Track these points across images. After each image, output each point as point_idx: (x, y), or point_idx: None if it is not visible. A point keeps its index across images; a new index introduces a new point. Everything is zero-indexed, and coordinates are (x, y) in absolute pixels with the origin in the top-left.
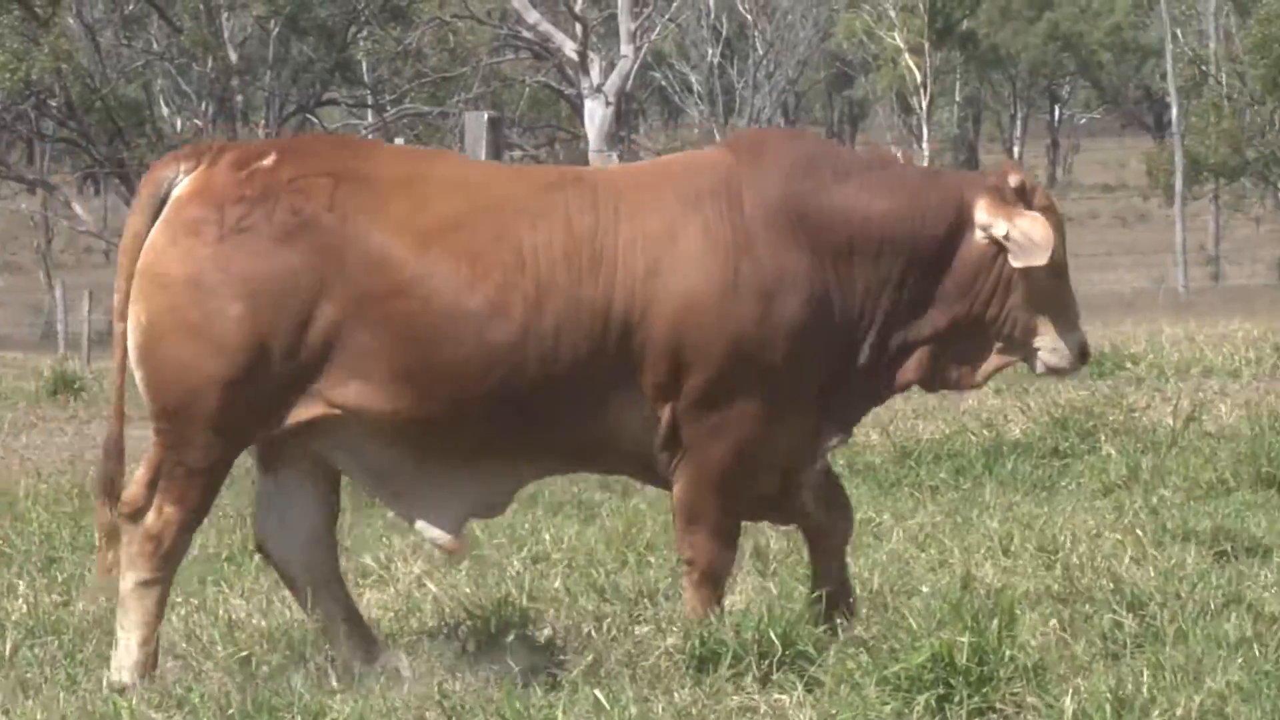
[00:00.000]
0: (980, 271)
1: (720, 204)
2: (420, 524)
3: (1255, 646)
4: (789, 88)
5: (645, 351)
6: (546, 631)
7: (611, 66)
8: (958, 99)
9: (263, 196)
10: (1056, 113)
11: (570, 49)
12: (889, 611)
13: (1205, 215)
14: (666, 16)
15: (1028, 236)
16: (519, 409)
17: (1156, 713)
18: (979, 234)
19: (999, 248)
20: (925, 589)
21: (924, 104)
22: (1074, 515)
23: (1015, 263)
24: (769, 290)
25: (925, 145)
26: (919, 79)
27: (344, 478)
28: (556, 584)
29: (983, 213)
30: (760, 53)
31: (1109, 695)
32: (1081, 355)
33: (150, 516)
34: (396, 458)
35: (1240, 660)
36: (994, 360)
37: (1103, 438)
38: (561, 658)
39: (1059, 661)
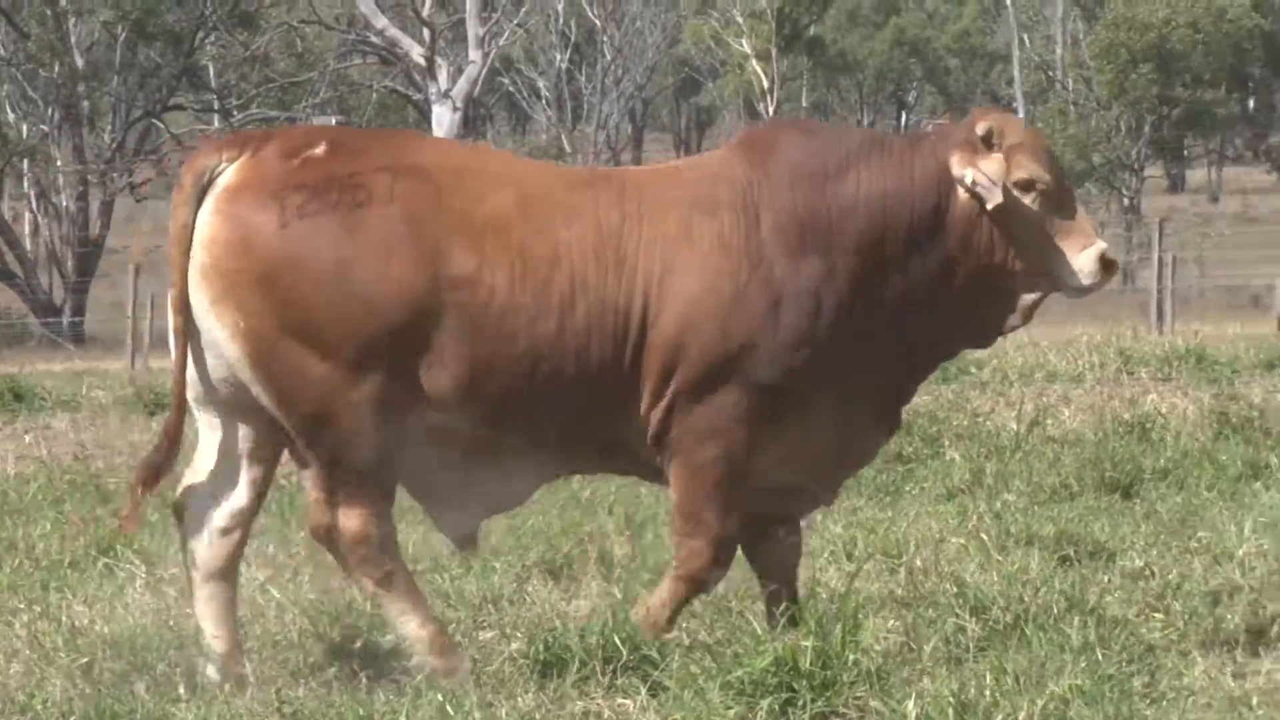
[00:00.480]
0: (973, 225)
1: (736, 212)
2: (441, 518)
3: (1098, 650)
4: (637, 94)
5: (651, 350)
6: (390, 637)
7: (459, 72)
8: (805, 104)
9: (323, 186)
10: (903, 118)
11: (418, 54)
12: (733, 616)
13: None
14: (515, 22)
15: (986, 177)
16: (557, 406)
17: (999, 716)
18: (960, 192)
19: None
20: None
21: (771, 109)
22: (918, 520)
23: (989, 206)
24: (775, 303)
25: None
26: (766, 85)
27: None
28: None
29: (955, 167)
30: (608, 59)
31: (952, 699)
32: (1105, 266)
33: (345, 525)
34: (435, 453)
35: (1083, 664)
36: (1026, 299)
37: (947, 443)
38: (406, 663)
39: (902, 666)
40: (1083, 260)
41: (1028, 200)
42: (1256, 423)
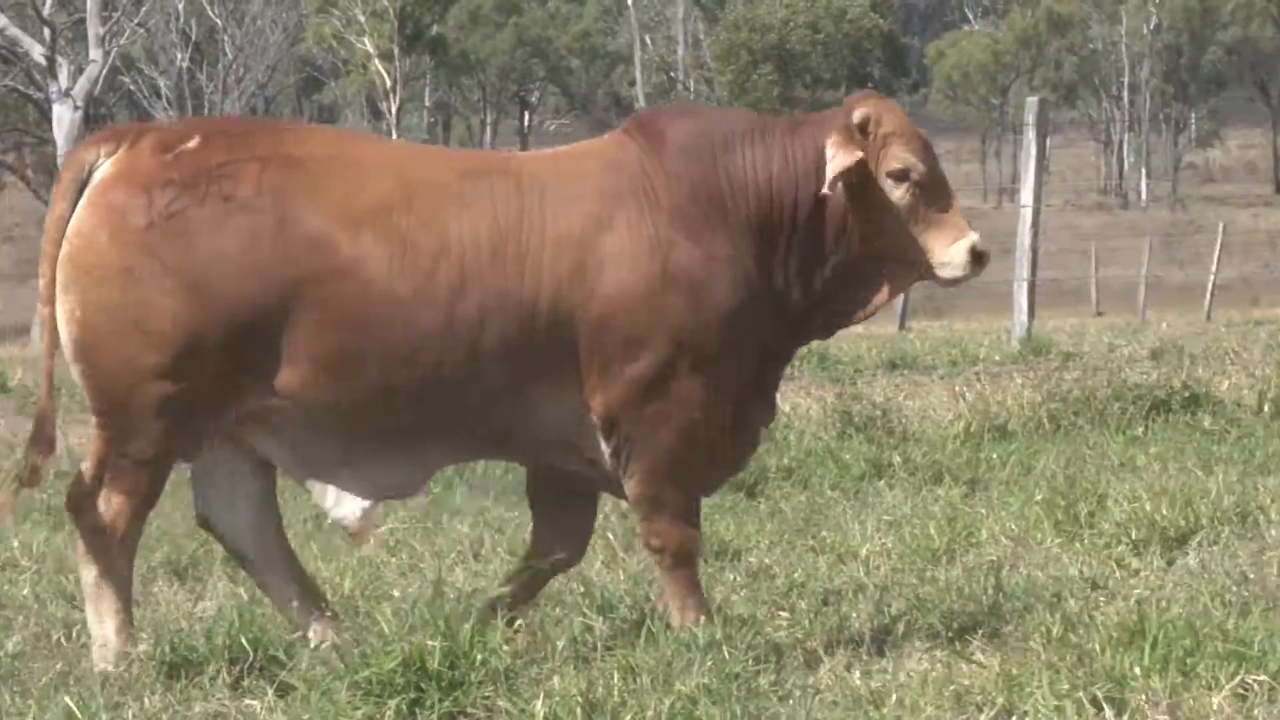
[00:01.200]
0: (847, 211)
1: (639, 198)
2: (329, 504)
3: (725, 649)
4: (259, 92)
5: (576, 349)
6: (15, 639)
7: (80, 71)
8: (428, 104)
9: (192, 180)
10: (526, 118)
11: (38, 53)
12: (360, 616)
13: None
14: (135, 21)
15: (834, 149)
16: (443, 396)
17: (627, 715)
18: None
19: (863, 185)
20: (397, 594)
21: (394, 109)
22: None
23: (824, 190)
24: (697, 278)
25: None
26: (389, 84)
27: None
28: (25, 591)
29: (829, 150)
30: (230, 57)
31: (580, 699)
32: (975, 259)
33: (100, 507)
34: (316, 440)
35: (710, 663)
36: (887, 288)
37: None
38: (31, 665)
39: (530, 665)
40: (954, 252)
41: (901, 190)
42: (879, 422)
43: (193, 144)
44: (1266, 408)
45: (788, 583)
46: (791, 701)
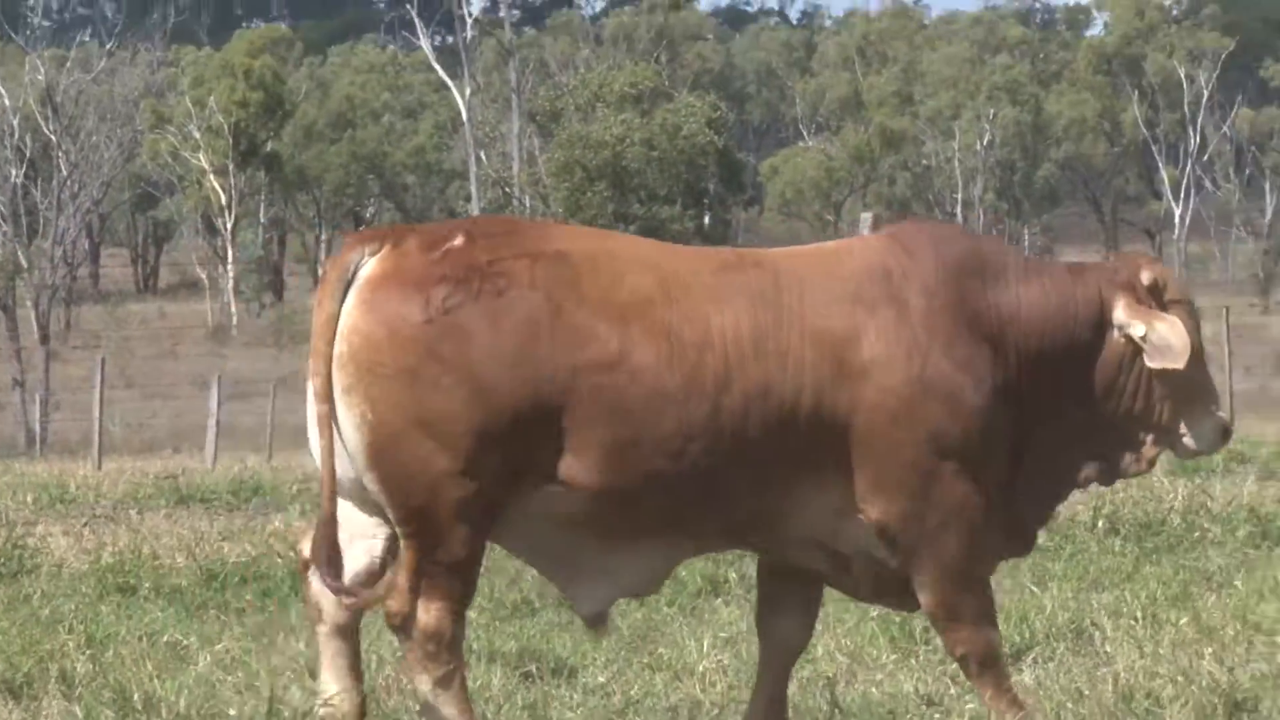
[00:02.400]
0: (1122, 369)
1: (897, 304)
2: (574, 594)
3: None
4: (94, 208)
5: (840, 455)
6: None
7: None
8: (263, 220)
9: (465, 277)
10: None
11: None
12: None
13: None
14: None
15: (1165, 340)
16: (706, 490)
17: None
18: (1116, 334)
19: (1135, 349)
20: (233, 712)
21: (229, 225)
22: (381, 636)
23: (1151, 364)
24: (951, 386)
25: (230, 267)
26: (224, 200)
27: None
28: None
29: (1120, 312)
30: (64, 173)
31: None
32: (1224, 435)
33: (422, 617)
34: (567, 533)
35: None
36: (1150, 449)
37: None
38: None
39: None
40: (1209, 427)
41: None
42: None
43: (459, 241)
44: (1100, 524)
45: (624, 700)
46: None
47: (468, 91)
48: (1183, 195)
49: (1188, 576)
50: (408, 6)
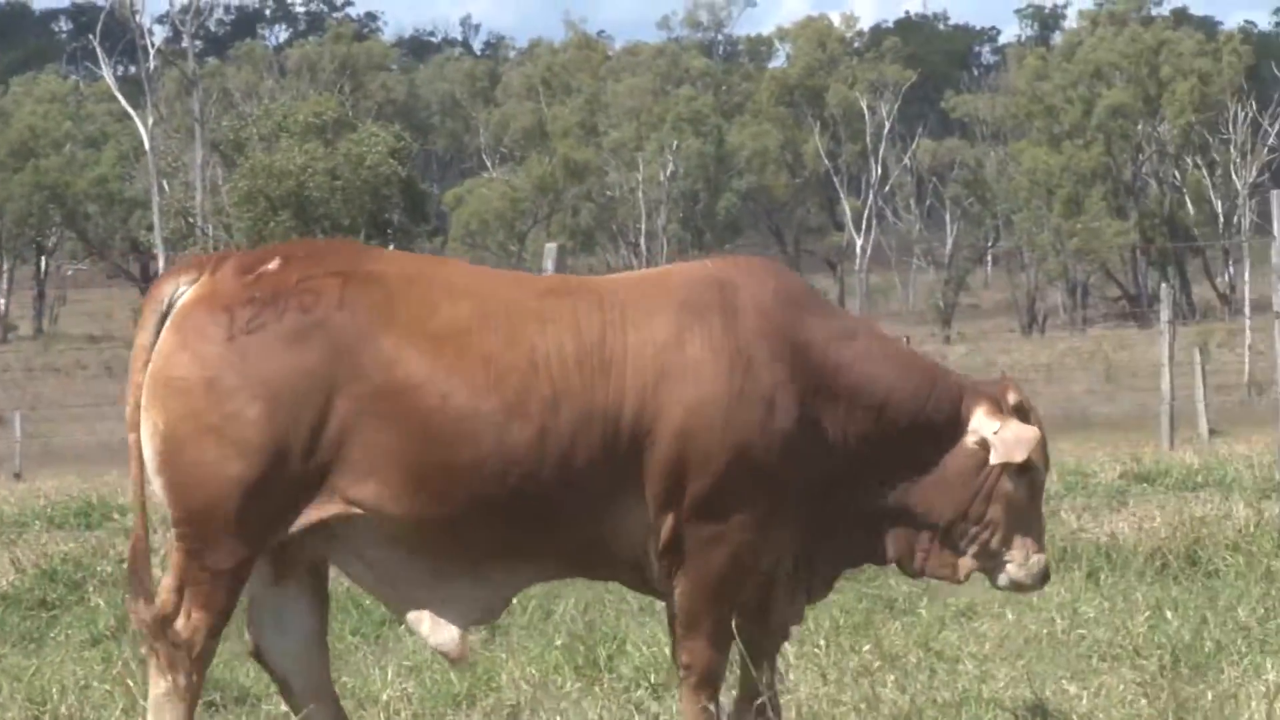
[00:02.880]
0: (968, 474)
1: (724, 316)
2: (425, 629)
3: None
4: None
5: (652, 459)
6: None
7: None
8: None
9: (272, 297)
10: (43, 263)
11: None
12: None
13: None
14: None
15: (1015, 437)
16: (532, 512)
17: None
18: (971, 438)
19: (987, 456)
20: None
21: None
22: (63, 666)
23: (994, 459)
24: (769, 399)
25: None
26: None
27: None
28: None
29: (979, 418)
30: None
31: None
32: (1045, 577)
33: (179, 623)
34: (403, 560)
35: None
36: (969, 562)
37: (91, 588)
38: None
39: None
40: (1032, 563)
41: (1015, 484)
42: None
43: (273, 265)
44: None
45: None
46: None
47: (150, 121)
48: (864, 226)
49: (870, 604)
50: (90, 36)
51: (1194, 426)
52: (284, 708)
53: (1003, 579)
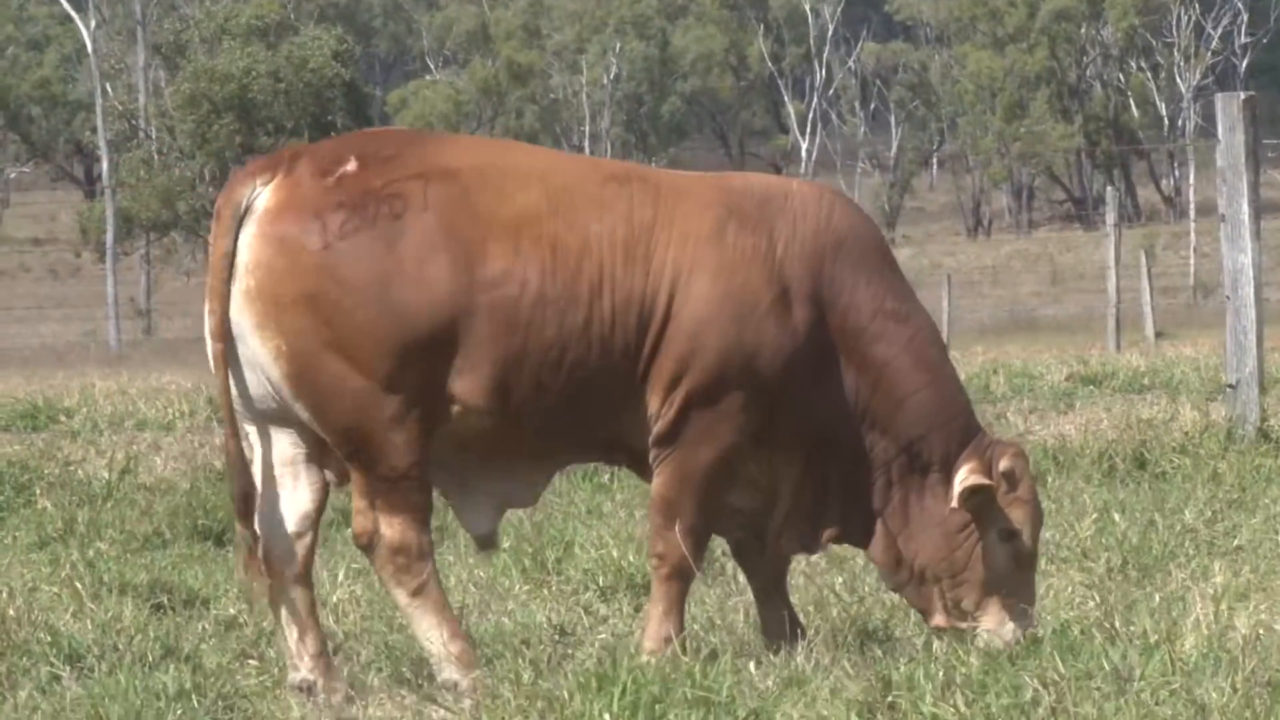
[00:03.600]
0: (950, 523)
1: (775, 236)
2: (465, 516)
3: (193, 698)
4: None
5: (667, 349)
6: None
7: None
8: None
9: (361, 202)
10: None
11: None
12: None
13: (138, 269)
14: None
15: (959, 481)
16: (576, 399)
17: None
18: (955, 490)
19: (982, 519)
20: None
21: None
22: (10, 569)
23: (952, 501)
24: (791, 327)
25: None
26: None
27: None
28: None
29: (962, 472)
30: None
31: None
32: (1014, 644)
33: (386, 533)
34: (452, 450)
35: (180, 712)
36: (939, 614)
37: (38, 491)
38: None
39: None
40: (1005, 630)
41: (999, 549)
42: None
43: (351, 166)
44: None
45: (257, 631)
46: None
47: (93, 24)
48: (809, 129)
49: None
50: None
51: (1140, 329)
52: (233, 610)
53: (977, 638)
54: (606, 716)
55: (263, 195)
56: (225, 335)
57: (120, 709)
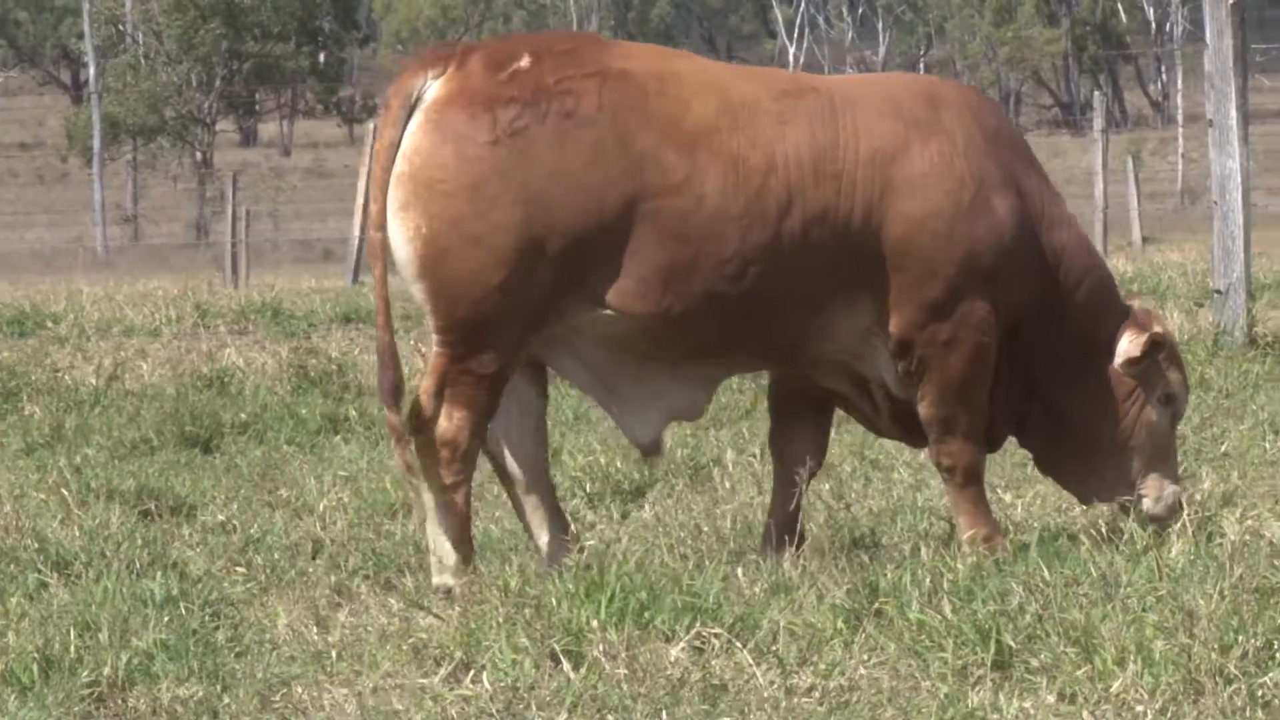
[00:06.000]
0: (1113, 396)
1: (953, 135)
2: (627, 424)
3: (181, 605)
4: None
5: (877, 268)
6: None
7: None
8: None
9: (533, 98)
10: None
11: None
12: None
13: (124, 174)
14: None
15: (1128, 338)
16: (755, 310)
17: (85, 671)
18: (1118, 360)
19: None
20: None
21: None
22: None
23: (1116, 361)
24: (995, 218)
25: None
26: None
27: None
28: None
29: (1127, 340)
30: None
31: (36, 655)
32: (1180, 509)
33: (442, 423)
34: (621, 359)
35: (167, 618)
36: (1100, 488)
37: (26, 397)
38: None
39: None
40: (1167, 493)
41: (1158, 413)
42: (335, 376)
43: (525, 62)
44: None
45: (244, 538)
46: (249, 657)
47: None
48: (797, 34)
49: None
50: None
51: (1127, 234)
52: (221, 516)
53: (1143, 509)
54: (594, 623)
55: (433, 87)
56: (384, 225)
57: (108, 616)
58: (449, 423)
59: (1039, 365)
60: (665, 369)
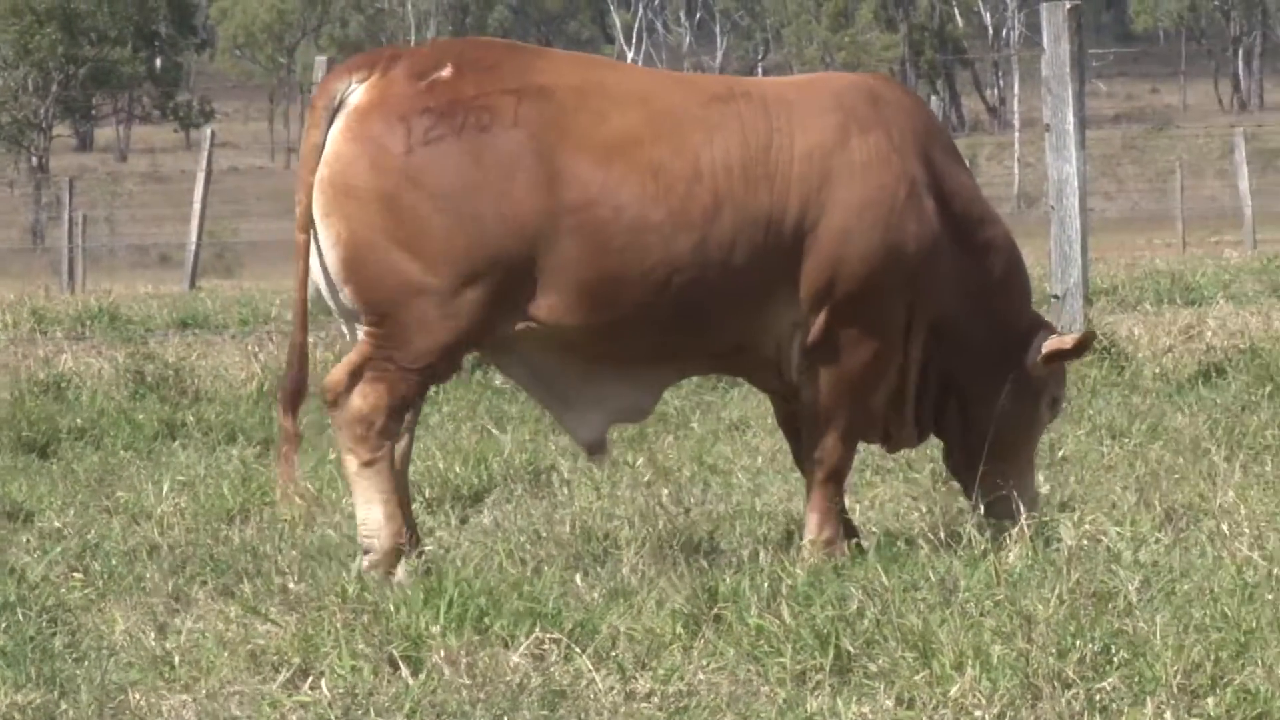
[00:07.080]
0: (1025, 386)
1: (887, 130)
2: (572, 428)
3: (18, 611)
4: None
5: (812, 259)
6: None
7: None
8: None
9: (449, 109)
10: None
11: None
12: None
13: None
14: None
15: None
16: (690, 316)
17: None
18: (1049, 345)
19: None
20: None
21: None
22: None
23: (1039, 356)
24: (923, 214)
25: None
26: None
27: None
28: None
29: (1047, 337)
30: None
31: None
32: (1035, 506)
33: (356, 400)
34: (563, 365)
35: (4, 624)
36: (991, 482)
37: None
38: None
39: None
40: (1033, 486)
41: (1048, 414)
42: (172, 381)
43: (446, 72)
44: None
45: (81, 544)
46: (87, 663)
47: None
48: (635, 39)
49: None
50: None
51: None
52: (58, 522)
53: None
54: (434, 629)
55: (356, 92)
56: (307, 227)
57: None
58: (363, 400)
59: (959, 360)
60: (612, 371)
